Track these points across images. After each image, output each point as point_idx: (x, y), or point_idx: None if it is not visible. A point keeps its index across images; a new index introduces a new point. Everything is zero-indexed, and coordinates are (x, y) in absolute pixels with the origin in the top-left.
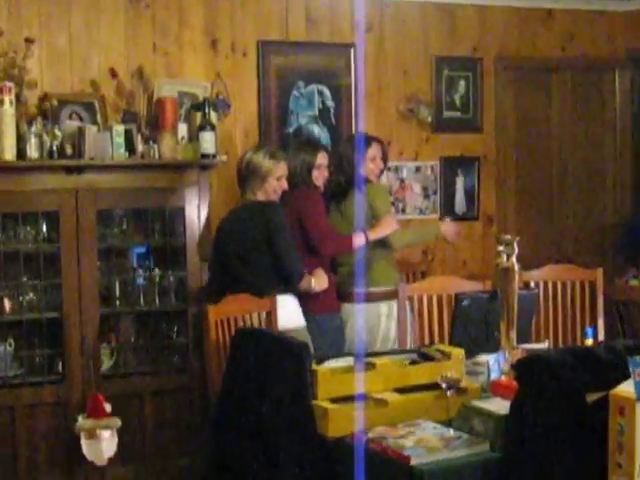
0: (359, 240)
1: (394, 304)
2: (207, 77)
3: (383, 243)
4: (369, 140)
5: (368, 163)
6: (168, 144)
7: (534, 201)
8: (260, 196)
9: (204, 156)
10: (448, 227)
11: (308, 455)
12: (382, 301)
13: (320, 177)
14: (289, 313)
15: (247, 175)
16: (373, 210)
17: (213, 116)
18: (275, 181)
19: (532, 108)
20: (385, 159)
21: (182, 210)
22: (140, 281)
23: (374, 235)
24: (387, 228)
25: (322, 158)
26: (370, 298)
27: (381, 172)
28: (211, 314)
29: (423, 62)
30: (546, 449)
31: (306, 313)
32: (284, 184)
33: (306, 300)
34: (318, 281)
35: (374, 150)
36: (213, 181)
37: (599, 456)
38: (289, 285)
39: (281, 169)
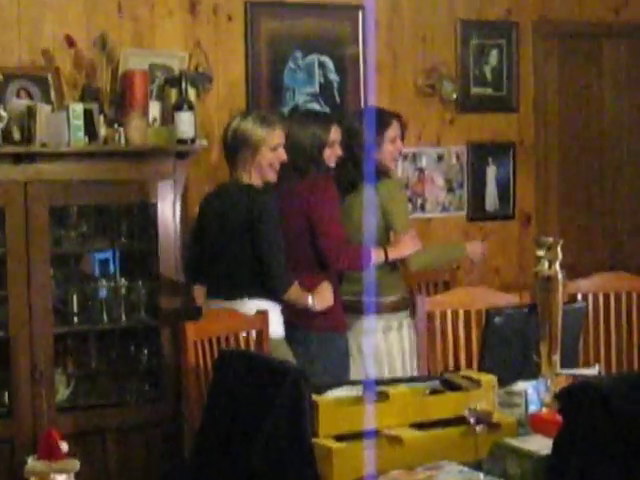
0: (379, 257)
1: (404, 317)
2: (184, 46)
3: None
4: (387, 117)
5: (387, 145)
6: (137, 127)
7: (581, 196)
8: (253, 173)
9: (181, 141)
10: (476, 248)
11: None
12: (390, 313)
13: (332, 156)
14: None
15: (235, 147)
16: (385, 217)
17: (191, 93)
18: (270, 152)
19: (579, 83)
20: (403, 139)
21: (154, 207)
22: (103, 293)
23: (394, 253)
24: (407, 249)
25: (335, 133)
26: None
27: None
28: (189, 332)
29: (447, 27)
30: None
31: (301, 330)
32: (282, 154)
33: (302, 314)
34: (320, 299)
35: (394, 129)
36: (191, 172)
37: None
38: (270, 295)
39: (276, 136)
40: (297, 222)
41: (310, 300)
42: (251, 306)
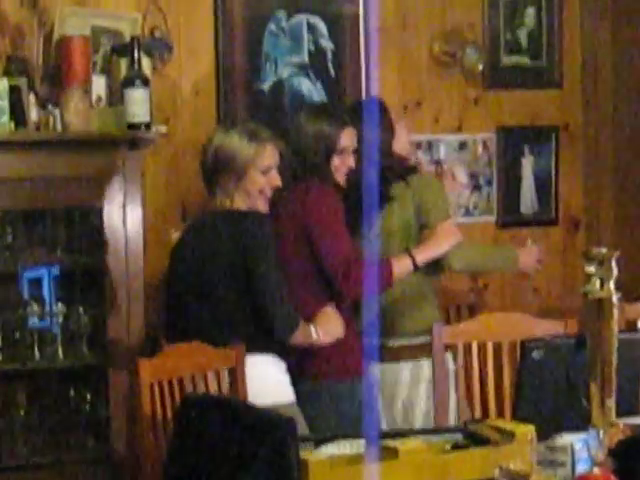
0: (403, 266)
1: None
2: (137, 5)
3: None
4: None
5: (402, 139)
6: (77, 109)
7: None
8: (238, 200)
9: (132, 127)
10: (531, 257)
11: None
12: (418, 358)
13: (342, 167)
14: (267, 383)
15: (216, 169)
16: (419, 212)
17: (146, 65)
18: (260, 175)
19: (639, 50)
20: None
21: (99, 212)
22: (34, 322)
23: (426, 254)
24: (446, 241)
25: (348, 137)
26: (404, 354)
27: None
28: (144, 372)
29: None
30: None
31: (307, 378)
32: (275, 179)
33: (307, 357)
34: (324, 328)
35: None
36: (148, 166)
37: None
38: (272, 341)
39: (268, 156)
40: (289, 232)
41: (314, 332)
42: (248, 364)
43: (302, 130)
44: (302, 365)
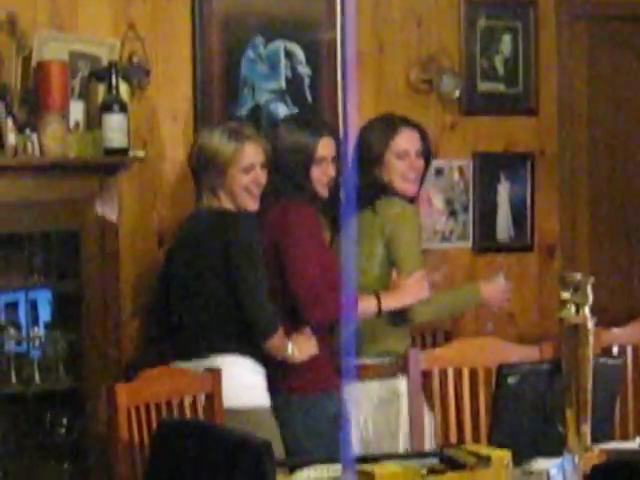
0: (367, 308)
1: (402, 383)
2: (115, 30)
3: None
4: (398, 123)
5: (394, 161)
6: (54, 134)
7: (618, 221)
8: (225, 200)
9: (110, 152)
10: (495, 290)
11: None
12: (390, 378)
13: (323, 177)
14: (241, 384)
15: (200, 168)
16: (389, 247)
17: (124, 90)
18: (242, 174)
19: (615, 77)
20: (428, 155)
21: (76, 237)
22: (11, 347)
23: (390, 303)
24: (413, 295)
25: (326, 147)
26: (375, 373)
27: (420, 179)
28: (121, 397)
29: (447, 7)
30: None
31: (282, 393)
32: (259, 176)
33: (283, 371)
34: (300, 348)
35: (406, 137)
36: (125, 192)
37: None
38: (250, 342)
39: (249, 154)
40: (268, 260)
41: (290, 349)
42: (225, 363)
43: (280, 142)
44: (274, 379)
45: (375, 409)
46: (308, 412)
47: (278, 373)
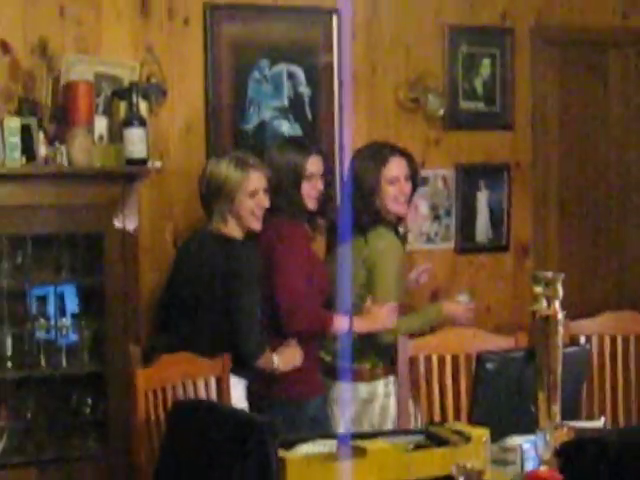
0: (340, 326)
1: (390, 383)
2: (135, 54)
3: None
4: (386, 152)
5: (386, 187)
6: (81, 146)
7: (585, 225)
8: (231, 223)
9: (131, 162)
10: (456, 309)
11: None
12: (370, 381)
13: (312, 192)
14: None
15: (210, 195)
16: (369, 274)
17: (143, 107)
18: (248, 199)
19: (582, 97)
20: (415, 178)
21: (100, 238)
22: (41, 335)
23: (361, 325)
24: (377, 324)
25: (315, 164)
26: (364, 376)
27: (409, 199)
28: (140, 380)
29: (433, 34)
30: None
31: (270, 398)
32: (262, 200)
33: (265, 378)
34: (284, 358)
35: (395, 164)
36: (143, 197)
37: None
38: (237, 364)
39: (254, 181)
40: (261, 274)
41: (275, 360)
42: None
43: (273, 161)
44: (260, 384)
45: (358, 409)
46: (290, 415)
47: (264, 381)
